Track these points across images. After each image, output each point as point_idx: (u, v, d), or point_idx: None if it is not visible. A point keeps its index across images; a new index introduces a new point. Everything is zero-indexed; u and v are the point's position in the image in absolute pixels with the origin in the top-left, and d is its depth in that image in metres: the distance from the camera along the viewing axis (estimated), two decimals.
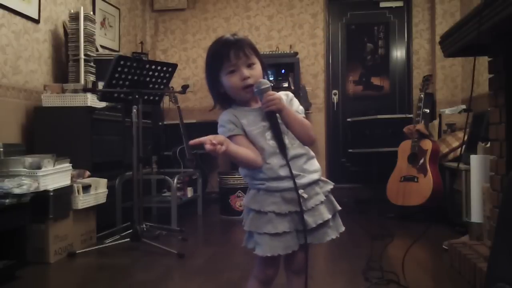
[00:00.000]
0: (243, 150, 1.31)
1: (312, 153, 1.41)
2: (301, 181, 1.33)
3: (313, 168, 1.38)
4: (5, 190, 2.38)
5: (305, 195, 1.34)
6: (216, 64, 1.34)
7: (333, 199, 1.42)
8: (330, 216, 1.38)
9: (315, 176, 1.38)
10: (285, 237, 1.33)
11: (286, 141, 1.34)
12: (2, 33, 3.12)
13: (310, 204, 1.35)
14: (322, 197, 1.37)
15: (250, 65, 1.33)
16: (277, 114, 1.32)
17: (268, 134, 1.34)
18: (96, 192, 3.09)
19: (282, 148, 1.32)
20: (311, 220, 1.35)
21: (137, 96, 3.00)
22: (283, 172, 1.32)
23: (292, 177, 1.30)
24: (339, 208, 1.42)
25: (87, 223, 3.08)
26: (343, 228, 1.42)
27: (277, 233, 1.32)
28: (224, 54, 1.31)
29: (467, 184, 3.03)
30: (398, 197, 3.89)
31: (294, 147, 1.35)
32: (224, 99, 1.39)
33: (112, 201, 3.34)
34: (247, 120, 1.35)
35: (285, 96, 1.39)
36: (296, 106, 1.41)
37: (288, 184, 1.32)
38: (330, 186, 1.42)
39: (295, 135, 1.34)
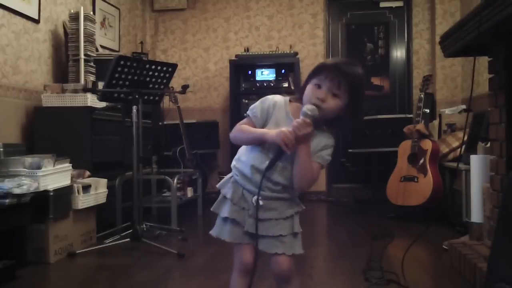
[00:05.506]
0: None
1: (293, 196, 1.44)
2: (264, 193, 1.39)
3: (283, 196, 1.42)
4: (5, 190, 2.38)
5: (261, 202, 1.38)
6: (316, 72, 1.38)
7: (295, 221, 1.44)
8: (280, 234, 1.40)
9: (279, 196, 1.41)
10: (234, 227, 1.43)
11: (280, 165, 1.37)
12: (2, 33, 3.12)
13: (264, 215, 1.40)
14: (279, 215, 1.41)
15: (334, 95, 1.34)
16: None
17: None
18: (96, 192, 3.09)
19: (268, 167, 1.36)
20: (261, 228, 1.39)
21: (137, 96, 3.00)
22: (255, 176, 1.39)
23: (259, 191, 1.37)
24: (297, 231, 1.44)
25: (87, 223, 3.08)
26: (299, 251, 1.44)
27: (227, 218, 1.43)
28: (325, 71, 1.35)
29: (467, 184, 3.03)
30: (398, 197, 3.89)
31: (280, 176, 1.38)
32: (300, 95, 1.43)
33: (112, 201, 3.34)
34: (279, 118, 1.40)
35: (325, 139, 1.39)
36: (322, 152, 1.39)
37: (251, 187, 1.41)
38: (298, 209, 1.46)
39: (294, 173, 1.36)
